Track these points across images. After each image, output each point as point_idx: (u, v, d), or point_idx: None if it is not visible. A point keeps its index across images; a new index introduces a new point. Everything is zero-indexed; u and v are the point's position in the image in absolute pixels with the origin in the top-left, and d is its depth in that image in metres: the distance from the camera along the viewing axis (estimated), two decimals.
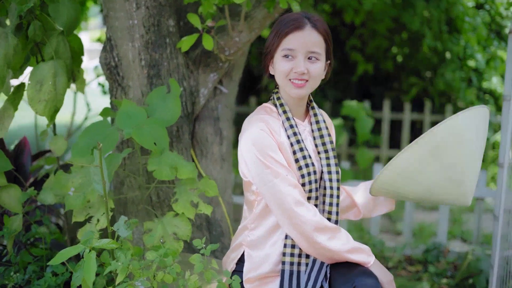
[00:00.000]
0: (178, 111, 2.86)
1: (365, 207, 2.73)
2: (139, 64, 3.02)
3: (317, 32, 2.41)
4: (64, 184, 2.74)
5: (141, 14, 3.00)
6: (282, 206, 2.35)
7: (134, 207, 3.10)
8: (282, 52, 2.41)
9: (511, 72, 3.32)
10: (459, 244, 6.03)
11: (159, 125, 2.75)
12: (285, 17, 2.44)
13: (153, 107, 2.87)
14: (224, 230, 3.36)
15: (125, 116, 2.76)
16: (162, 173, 2.75)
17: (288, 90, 2.45)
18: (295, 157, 2.43)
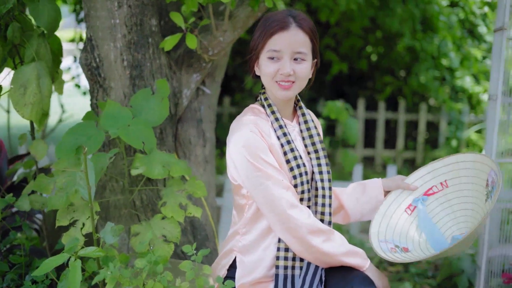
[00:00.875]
0: (166, 112, 2.79)
1: (353, 210, 2.66)
2: (121, 64, 2.93)
3: (302, 32, 2.35)
4: (46, 187, 2.65)
5: (123, 13, 2.91)
6: (275, 209, 2.29)
7: (117, 212, 3.01)
8: (267, 53, 2.34)
9: (497, 71, 3.29)
10: None
11: (145, 125, 2.67)
12: (270, 16, 2.37)
13: (138, 109, 2.79)
14: (208, 234, 3.28)
15: (110, 117, 2.68)
16: (154, 172, 2.67)
17: (274, 92, 2.39)
18: (286, 158, 2.37)
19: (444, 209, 2.60)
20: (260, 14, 3.21)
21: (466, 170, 2.56)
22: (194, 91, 3.28)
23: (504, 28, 3.22)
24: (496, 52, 3.33)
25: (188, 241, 3.14)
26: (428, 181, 2.64)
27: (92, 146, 2.63)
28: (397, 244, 2.51)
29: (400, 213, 2.59)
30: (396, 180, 2.64)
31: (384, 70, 9.36)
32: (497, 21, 3.35)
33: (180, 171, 2.70)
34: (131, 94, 2.95)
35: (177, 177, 2.77)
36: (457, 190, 2.59)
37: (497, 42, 3.34)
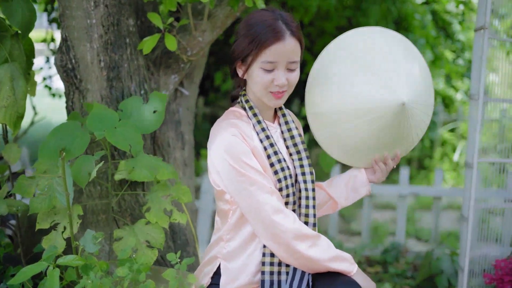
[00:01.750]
0: (158, 123, 2.72)
1: (340, 195, 2.59)
2: (97, 65, 2.85)
3: (295, 40, 2.28)
4: (27, 190, 2.56)
5: (99, 13, 2.83)
6: (259, 215, 2.23)
7: (94, 217, 2.93)
8: (261, 64, 2.25)
9: (478, 70, 3.27)
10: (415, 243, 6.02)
11: (132, 128, 2.60)
12: (258, 21, 2.26)
13: (127, 114, 2.72)
14: (188, 239, 3.22)
15: (97, 118, 2.60)
16: (140, 175, 2.60)
17: (267, 101, 2.33)
18: (270, 161, 2.31)
19: None
20: (239, 13, 3.15)
21: None
22: (173, 92, 3.21)
23: (485, 28, 3.20)
24: (477, 52, 3.31)
25: (167, 246, 3.07)
26: None
27: (77, 148, 2.55)
28: None
29: None
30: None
31: None
32: (478, 20, 3.33)
33: (167, 174, 2.64)
34: (108, 96, 2.87)
35: (163, 182, 2.70)
36: None
37: (478, 41, 3.32)
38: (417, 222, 6.80)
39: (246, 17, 2.33)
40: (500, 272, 3.45)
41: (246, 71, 2.31)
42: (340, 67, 2.37)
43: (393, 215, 6.90)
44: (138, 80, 2.96)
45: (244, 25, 2.30)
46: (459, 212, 7.28)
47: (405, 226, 5.46)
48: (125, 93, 2.90)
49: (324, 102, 2.39)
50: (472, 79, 3.39)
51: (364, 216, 5.58)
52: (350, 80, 2.33)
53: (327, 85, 2.38)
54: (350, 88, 2.33)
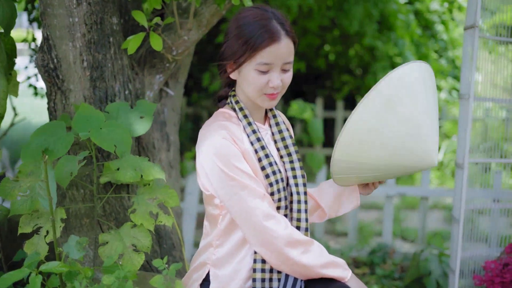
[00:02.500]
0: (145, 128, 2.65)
1: (330, 206, 2.53)
2: (80, 65, 2.76)
3: (290, 39, 2.21)
4: (10, 192, 2.46)
5: (82, 11, 2.74)
6: (250, 220, 2.16)
7: (78, 222, 2.84)
8: (256, 65, 2.17)
9: (469, 69, 3.23)
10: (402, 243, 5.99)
11: (120, 128, 2.53)
12: (251, 19, 2.18)
13: (114, 115, 2.65)
14: (175, 243, 3.14)
15: (83, 119, 2.53)
16: (126, 176, 2.52)
17: (260, 102, 2.25)
18: (261, 164, 2.23)
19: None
20: (225, 11, 3.08)
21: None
22: (157, 93, 3.13)
23: (476, 26, 3.16)
24: (467, 51, 3.27)
25: (153, 251, 2.99)
26: None
27: (60, 148, 2.47)
28: None
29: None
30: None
31: (341, 68, 9.32)
32: (468, 18, 3.29)
33: (154, 174, 2.56)
34: (91, 97, 2.78)
35: (149, 185, 2.62)
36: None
37: (468, 40, 3.27)
38: (402, 222, 6.77)
39: (236, 16, 2.25)
40: (490, 274, 3.41)
41: (239, 72, 2.23)
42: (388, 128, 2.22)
43: (378, 215, 6.87)
44: (122, 80, 2.88)
45: (235, 24, 2.22)
46: (445, 212, 7.26)
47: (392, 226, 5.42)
48: (109, 94, 2.82)
49: (364, 157, 2.27)
50: (461, 78, 3.35)
51: (350, 216, 5.53)
52: (399, 142, 2.22)
53: (372, 142, 2.24)
54: (397, 150, 2.24)
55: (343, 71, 9.33)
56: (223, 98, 2.40)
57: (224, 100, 2.39)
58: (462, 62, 3.35)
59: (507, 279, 3.35)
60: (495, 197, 4.25)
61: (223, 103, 2.38)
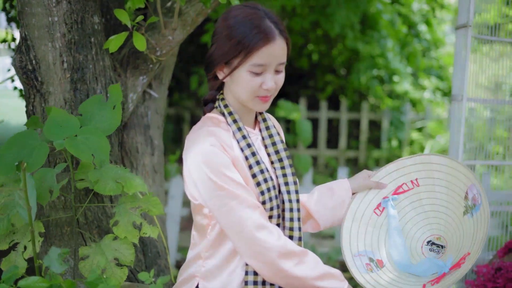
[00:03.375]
0: (118, 120, 2.50)
1: (326, 220, 2.41)
2: (60, 67, 2.64)
3: (284, 40, 2.10)
4: None
5: (62, 10, 2.62)
6: (241, 232, 2.04)
7: (58, 230, 2.72)
8: (250, 67, 2.06)
9: (461, 70, 3.15)
10: None
11: (95, 135, 2.40)
12: (243, 19, 2.06)
13: (88, 117, 2.50)
14: (160, 251, 3.02)
15: (55, 125, 2.39)
16: (106, 188, 2.39)
17: (252, 105, 2.14)
18: (252, 172, 2.12)
19: (415, 208, 2.40)
20: (210, 11, 2.97)
21: (440, 173, 2.36)
22: (141, 95, 3.02)
23: (469, 25, 3.07)
24: (460, 51, 3.18)
25: (138, 260, 2.88)
26: (397, 178, 2.41)
27: (35, 160, 2.32)
28: (371, 256, 2.31)
29: (369, 214, 2.39)
30: (363, 179, 2.41)
31: (325, 68, 9.24)
32: (460, 17, 3.21)
33: (135, 187, 2.43)
34: (72, 100, 2.66)
35: (131, 193, 2.50)
36: (430, 191, 2.38)
37: (460, 40, 3.19)
38: None
39: (225, 16, 2.13)
40: (482, 278, 3.33)
41: (230, 74, 2.12)
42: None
43: None
44: (104, 82, 2.76)
45: (225, 24, 2.10)
46: None
47: None
48: (90, 96, 2.70)
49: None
50: (453, 79, 3.27)
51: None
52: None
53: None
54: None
55: (326, 71, 9.25)
56: (210, 101, 2.28)
57: (211, 103, 2.27)
58: (453, 62, 3.26)
59: (500, 284, 3.28)
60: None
61: (210, 107, 2.26)
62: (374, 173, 2.42)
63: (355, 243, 2.34)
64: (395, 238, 2.35)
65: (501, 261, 3.39)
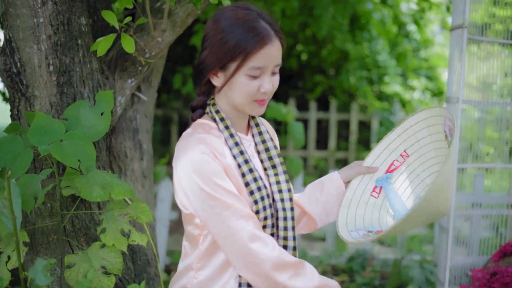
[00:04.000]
0: (106, 127, 2.43)
1: (319, 212, 2.34)
2: (46, 70, 2.55)
3: (279, 40, 2.04)
4: None
5: (48, 11, 2.53)
6: (234, 243, 1.96)
7: (44, 238, 2.63)
8: (248, 71, 1.99)
9: (456, 71, 3.09)
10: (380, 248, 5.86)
11: (82, 140, 2.32)
12: (236, 20, 1.99)
13: (73, 122, 2.42)
14: (150, 259, 2.94)
15: (40, 130, 2.31)
16: (92, 194, 2.30)
17: (249, 110, 2.07)
18: (245, 180, 2.04)
19: (412, 180, 2.37)
20: (200, 11, 2.89)
21: (422, 131, 2.33)
22: (129, 98, 2.94)
23: (465, 26, 3.01)
24: (454, 52, 3.12)
25: (127, 268, 2.79)
26: (387, 157, 2.39)
27: (19, 166, 2.25)
28: (370, 229, 2.27)
29: (366, 198, 2.35)
30: (354, 167, 2.37)
31: (314, 69, 9.19)
32: (454, 18, 3.15)
33: (123, 193, 2.35)
34: (58, 104, 2.58)
35: (118, 200, 2.42)
36: (420, 155, 2.36)
37: (455, 40, 3.13)
38: None
39: (216, 18, 2.04)
40: (477, 283, 3.29)
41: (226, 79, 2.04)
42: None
43: None
44: (92, 85, 2.68)
45: (217, 27, 2.02)
46: None
47: None
48: (77, 100, 2.61)
49: None
50: (448, 81, 3.21)
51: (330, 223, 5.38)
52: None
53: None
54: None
55: (315, 71, 9.20)
56: (197, 108, 2.20)
57: (200, 109, 2.19)
58: (449, 64, 3.20)
59: None
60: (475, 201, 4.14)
61: (199, 114, 2.18)
62: (365, 159, 2.40)
63: (353, 223, 2.30)
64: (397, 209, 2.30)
65: (496, 266, 3.34)
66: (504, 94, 3.81)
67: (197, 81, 2.12)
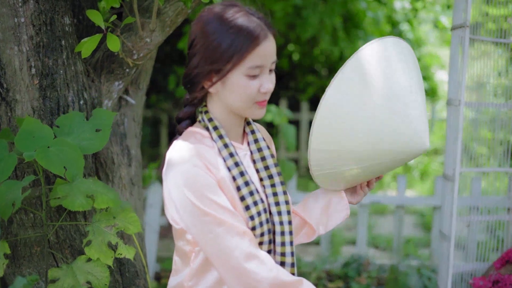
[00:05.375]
0: (100, 145, 2.31)
1: (318, 222, 2.22)
2: (28, 72, 2.42)
3: (272, 35, 1.91)
4: None
5: (29, 10, 2.39)
6: (229, 262, 1.82)
7: (27, 250, 2.50)
8: (248, 70, 1.85)
9: (458, 73, 2.97)
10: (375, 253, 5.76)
11: (71, 147, 2.19)
12: (225, 19, 1.85)
13: (65, 131, 2.31)
14: (138, 270, 2.80)
15: (28, 135, 2.19)
16: (75, 203, 2.17)
17: (250, 113, 1.93)
18: (240, 194, 1.90)
19: None
20: (191, 11, 2.76)
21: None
22: (116, 101, 2.80)
23: (466, 26, 2.89)
24: (456, 52, 3.01)
25: (114, 281, 2.66)
26: None
27: (2, 172, 2.13)
28: None
29: None
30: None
31: (306, 69, 9.08)
32: (455, 17, 3.03)
33: (107, 202, 2.21)
34: (41, 108, 2.44)
35: (106, 210, 2.28)
36: None
37: (456, 41, 3.01)
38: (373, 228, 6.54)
39: (202, 20, 1.90)
40: None
41: (222, 83, 1.91)
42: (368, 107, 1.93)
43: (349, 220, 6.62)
44: (76, 88, 2.54)
45: (206, 30, 1.87)
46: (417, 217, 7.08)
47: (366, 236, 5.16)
48: (61, 104, 2.48)
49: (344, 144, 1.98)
50: (449, 82, 3.09)
51: None
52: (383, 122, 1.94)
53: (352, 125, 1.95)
54: (381, 133, 1.94)
55: (307, 72, 9.09)
56: (183, 119, 2.06)
57: (187, 121, 2.05)
58: (450, 65, 3.08)
59: None
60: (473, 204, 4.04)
61: (185, 125, 2.04)
62: None
63: None
64: None
65: (498, 274, 3.24)
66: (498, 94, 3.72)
67: (190, 89, 1.98)
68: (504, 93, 3.61)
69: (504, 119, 3.44)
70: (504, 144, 3.49)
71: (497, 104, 3.24)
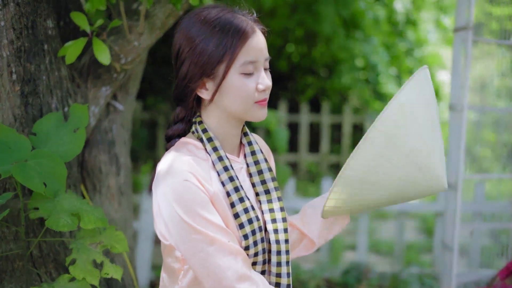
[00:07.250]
0: (80, 146, 2.19)
1: (319, 235, 2.09)
2: (8, 78, 2.30)
3: (261, 30, 1.84)
4: None
5: (9, 13, 2.28)
6: (220, 283, 1.72)
7: (9, 265, 2.38)
8: (241, 67, 1.76)
9: (461, 77, 2.85)
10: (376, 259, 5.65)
11: (51, 159, 2.08)
12: (209, 20, 1.77)
13: (43, 138, 2.19)
14: (127, 285, 2.69)
15: (4, 147, 2.08)
16: (59, 223, 2.05)
17: (252, 115, 1.82)
18: (234, 211, 1.79)
19: None
20: (182, 12, 2.65)
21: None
22: (104, 107, 2.69)
23: (469, 28, 2.77)
24: (458, 55, 2.89)
25: None
26: None
27: None
28: None
29: None
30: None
31: (305, 70, 8.98)
32: (458, 19, 2.92)
33: (94, 222, 2.09)
34: (23, 116, 2.32)
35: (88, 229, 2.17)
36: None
37: (458, 43, 2.89)
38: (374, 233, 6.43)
39: (184, 26, 1.83)
40: None
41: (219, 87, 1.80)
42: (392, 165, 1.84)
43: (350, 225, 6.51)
44: (61, 94, 2.43)
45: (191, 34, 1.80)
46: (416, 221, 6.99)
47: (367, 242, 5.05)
48: (44, 111, 2.37)
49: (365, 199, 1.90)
50: (452, 86, 2.97)
51: None
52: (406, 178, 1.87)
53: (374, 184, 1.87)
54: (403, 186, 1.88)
55: (306, 73, 8.98)
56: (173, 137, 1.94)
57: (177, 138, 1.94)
58: (452, 68, 2.97)
59: None
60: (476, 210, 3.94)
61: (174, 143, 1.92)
62: None
63: None
64: None
65: (503, 284, 3.13)
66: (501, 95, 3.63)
67: (183, 100, 1.87)
68: (507, 94, 3.52)
69: (507, 121, 3.34)
70: (508, 146, 3.40)
71: (501, 109, 3.13)
